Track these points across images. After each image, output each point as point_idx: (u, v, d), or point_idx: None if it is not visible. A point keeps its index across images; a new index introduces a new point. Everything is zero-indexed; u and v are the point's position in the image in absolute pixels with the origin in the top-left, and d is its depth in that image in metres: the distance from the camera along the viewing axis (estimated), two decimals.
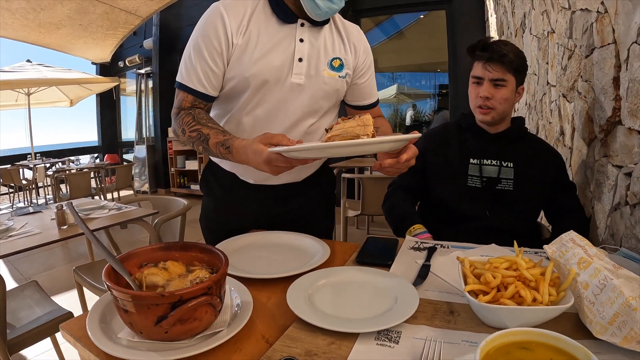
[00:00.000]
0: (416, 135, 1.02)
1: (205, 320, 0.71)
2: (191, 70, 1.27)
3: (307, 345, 0.73)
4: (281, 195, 1.47)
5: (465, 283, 0.84)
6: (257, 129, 1.32)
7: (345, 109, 1.55)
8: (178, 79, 1.31)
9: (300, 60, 1.29)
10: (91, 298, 2.61)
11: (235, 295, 0.87)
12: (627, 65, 1.30)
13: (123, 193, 7.65)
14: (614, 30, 1.39)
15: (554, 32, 2.24)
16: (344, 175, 4.04)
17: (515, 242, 0.96)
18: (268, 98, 1.30)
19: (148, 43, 8.79)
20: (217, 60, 1.25)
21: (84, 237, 3.04)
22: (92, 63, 9.51)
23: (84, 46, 5.95)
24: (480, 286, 0.82)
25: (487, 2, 5.12)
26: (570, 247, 0.88)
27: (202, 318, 0.70)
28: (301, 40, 1.29)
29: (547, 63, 2.41)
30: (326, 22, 1.35)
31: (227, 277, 0.89)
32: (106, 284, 0.68)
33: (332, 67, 1.35)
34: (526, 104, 3.18)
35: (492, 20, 4.77)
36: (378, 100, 1.55)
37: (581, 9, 1.72)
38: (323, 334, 0.76)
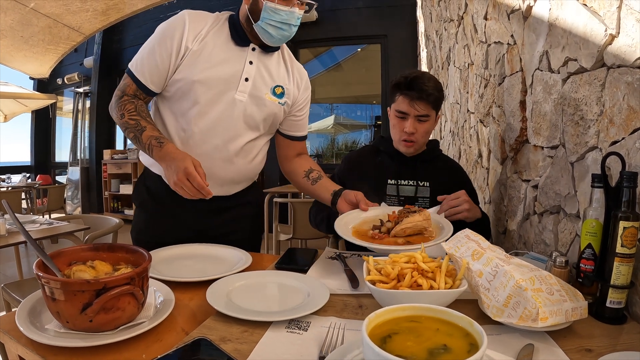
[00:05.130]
0: None
1: (128, 311, 0.78)
2: (143, 61, 1.39)
3: (222, 333, 0.81)
4: (209, 209, 1.50)
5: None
6: (197, 137, 1.41)
7: (275, 138, 1.65)
8: (130, 64, 1.41)
9: (246, 80, 1.41)
10: None
11: (158, 294, 0.94)
12: (531, 90, 1.49)
13: (54, 215, 7.29)
14: (521, 59, 1.59)
15: (473, 63, 2.45)
16: (275, 199, 4.01)
17: (422, 244, 1.06)
18: (211, 109, 1.39)
19: (89, 61, 8.59)
20: (164, 57, 1.37)
21: (12, 257, 2.93)
22: (30, 78, 9.15)
23: (23, 59, 5.70)
24: (381, 277, 0.93)
25: (420, 38, 5.46)
26: (464, 242, 1.01)
27: (124, 308, 0.76)
28: (250, 63, 1.42)
29: (467, 92, 2.62)
30: (276, 49, 1.48)
31: (152, 280, 0.95)
32: (36, 274, 0.73)
33: (274, 93, 1.47)
34: (450, 131, 3.41)
35: (424, 54, 5.10)
36: (307, 135, 1.69)
37: (495, 42, 1.95)
38: (238, 323, 0.85)
